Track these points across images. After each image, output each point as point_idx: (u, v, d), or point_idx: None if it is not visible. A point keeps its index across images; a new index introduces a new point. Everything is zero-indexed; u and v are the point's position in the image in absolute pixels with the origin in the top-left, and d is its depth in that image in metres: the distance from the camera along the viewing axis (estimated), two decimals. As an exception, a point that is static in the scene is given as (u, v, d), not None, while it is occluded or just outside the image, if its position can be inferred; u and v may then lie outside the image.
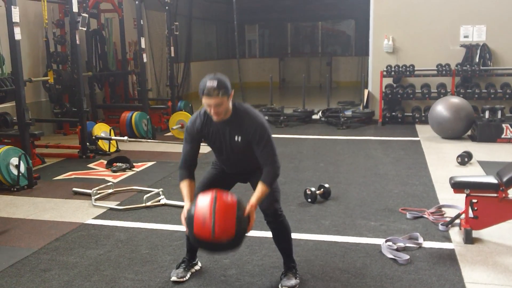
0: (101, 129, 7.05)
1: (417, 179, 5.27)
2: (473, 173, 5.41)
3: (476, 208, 3.54)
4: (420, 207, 4.34)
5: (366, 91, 9.52)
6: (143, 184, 5.26)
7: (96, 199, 4.71)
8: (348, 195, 4.75)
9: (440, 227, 3.83)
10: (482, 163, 5.89)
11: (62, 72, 8.10)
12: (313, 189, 4.56)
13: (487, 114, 7.27)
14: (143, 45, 8.37)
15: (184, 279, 3.07)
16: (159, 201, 4.61)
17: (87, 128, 6.80)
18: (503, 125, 7.08)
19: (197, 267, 3.20)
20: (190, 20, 11.98)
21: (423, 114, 8.76)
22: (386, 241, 3.54)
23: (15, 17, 5.43)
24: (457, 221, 3.80)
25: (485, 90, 8.58)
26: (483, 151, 6.56)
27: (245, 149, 2.88)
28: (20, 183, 5.18)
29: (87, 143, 6.71)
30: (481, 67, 8.58)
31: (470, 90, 8.55)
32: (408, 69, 8.81)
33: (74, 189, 5.06)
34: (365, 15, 10.14)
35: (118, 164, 6.02)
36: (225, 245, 2.64)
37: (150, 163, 6.28)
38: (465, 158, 5.81)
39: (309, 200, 4.54)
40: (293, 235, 3.52)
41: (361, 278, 3.07)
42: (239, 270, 3.21)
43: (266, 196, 2.84)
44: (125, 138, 6.87)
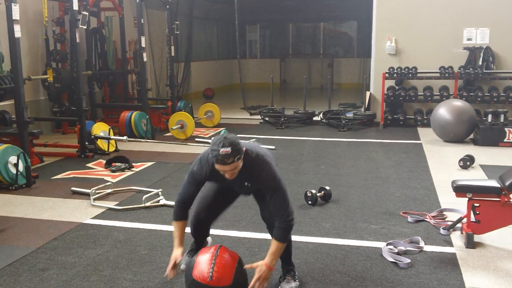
0: (100, 129, 7.01)
1: (418, 182, 5.24)
2: (475, 177, 5.38)
3: (478, 212, 3.50)
4: (421, 210, 4.31)
5: (367, 93, 9.49)
6: (142, 184, 5.23)
7: (94, 199, 4.68)
8: (349, 198, 4.72)
9: (442, 231, 3.80)
10: (484, 167, 5.86)
11: (62, 71, 8.08)
12: (313, 191, 4.53)
13: (489, 117, 7.24)
14: (143, 44, 8.34)
15: None
16: (158, 201, 4.58)
17: (86, 128, 6.77)
18: (506, 129, 7.05)
19: None
20: (191, 19, 11.97)
21: (425, 117, 8.73)
22: (387, 245, 3.51)
23: (15, 15, 5.40)
24: (459, 225, 3.77)
25: (488, 94, 8.54)
26: (485, 155, 6.53)
27: (256, 191, 2.90)
28: (19, 182, 5.15)
29: (86, 143, 6.68)
30: (484, 70, 8.55)
31: (472, 93, 8.53)
32: (410, 71, 8.78)
33: (73, 188, 5.03)
34: (368, 16, 10.11)
35: (117, 164, 5.99)
36: None
37: (149, 163, 6.25)
38: (467, 162, 5.78)
39: (310, 202, 4.51)
40: (293, 238, 3.49)
41: (361, 281, 3.04)
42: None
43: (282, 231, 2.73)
44: (124, 137, 6.84)
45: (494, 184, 3.50)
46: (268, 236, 3.31)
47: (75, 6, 6.44)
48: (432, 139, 7.60)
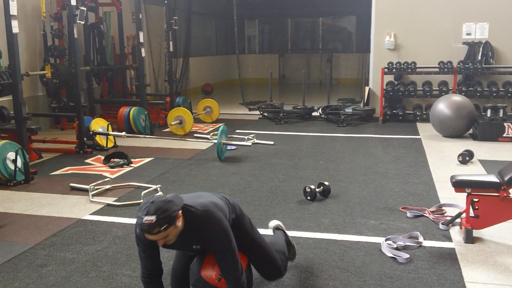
0: (98, 124, 7.00)
1: (417, 177, 5.23)
2: (474, 172, 5.38)
3: (477, 207, 3.50)
4: (420, 206, 4.31)
5: (367, 88, 9.48)
6: (141, 180, 5.22)
7: (93, 195, 4.67)
8: (348, 193, 4.72)
9: (441, 226, 3.80)
10: (483, 162, 5.86)
11: (60, 66, 8.05)
12: (312, 187, 4.53)
13: (489, 112, 7.23)
14: (141, 40, 8.32)
15: None
16: (157, 197, 4.57)
17: (85, 123, 6.75)
18: (505, 124, 7.04)
19: None
20: (189, 14, 11.92)
21: (424, 112, 8.72)
22: (386, 240, 3.51)
23: (13, 10, 5.37)
24: (458, 220, 3.77)
25: (487, 89, 8.53)
26: (484, 150, 6.53)
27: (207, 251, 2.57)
28: (17, 178, 5.14)
29: (85, 138, 6.66)
30: (484, 65, 8.54)
31: (472, 88, 8.51)
32: (409, 66, 8.76)
33: (71, 184, 5.02)
34: (367, 11, 10.08)
35: (115, 159, 5.98)
36: None
37: (148, 159, 6.24)
38: (466, 157, 5.78)
39: (309, 198, 4.51)
40: (292, 233, 3.50)
41: (360, 276, 3.04)
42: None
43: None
44: (123, 133, 6.82)
45: (493, 179, 3.49)
46: (269, 232, 3.32)
47: (73, 1, 6.40)
48: (431, 134, 7.60)
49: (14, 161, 5.13)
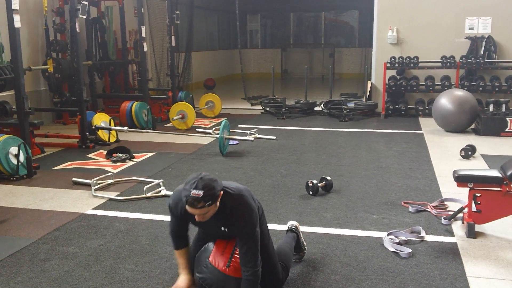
0: (101, 119, 7.00)
1: (420, 172, 5.23)
2: (477, 167, 5.37)
3: (479, 202, 3.50)
4: (422, 200, 4.31)
5: (369, 83, 9.46)
6: (143, 175, 5.23)
7: (96, 190, 4.68)
8: (350, 188, 4.72)
9: (443, 221, 3.80)
10: (485, 157, 5.85)
11: (62, 61, 8.04)
12: (315, 181, 4.53)
13: (491, 107, 7.21)
14: (143, 34, 8.30)
15: None
16: (159, 192, 4.58)
17: (87, 118, 6.75)
18: (507, 118, 7.02)
19: None
20: (192, 9, 11.88)
21: (426, 107, 8.70)
22: (388, 235, 3.51)
23: (15, 5, 5.36)
24: (460, 215, 3.77)
25: (490, 83, 8.50)
26: (486, 144, 6.51)
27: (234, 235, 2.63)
28: (20, 172, 5.15)
29: (87, 133, 6.67)
30: (486, 60, 8.50)
31: (474, 83, 8.49)
32: (412, 61, 8.73)
33: (74, 179, 5.03)
34: (369, 6, 10.04)
35: (118, 154, 5.98)
36: (231, 283, 2.56)
37: (150, 154, 6.24)
38: (468, 152, 5.77)
39: (311, 192, 4.51)
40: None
41: (362, 271, 3.05)
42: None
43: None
44: (125, 128, 6.83)
45: (496, 174, 3.49)
46: (271, 226, 3.32)
47: (75, -4, 6.40)
48: (433, 129, 7.58)
49: (17, 156, 5.14)
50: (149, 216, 4.04)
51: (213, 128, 7.62)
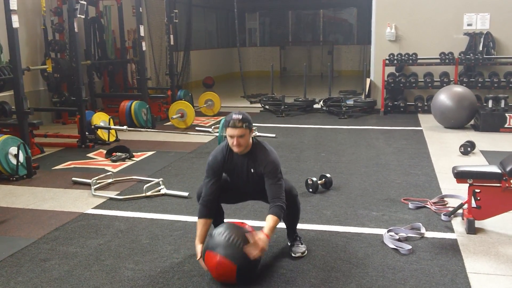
0: (100, 118, 7.00)
1: (419, 169, 5.23)
2: (476, 163, 5.37)
3: (479, 198, 3.50)
4: (422, 197, 4.31)
5: (368, 80, 9.45)
6: (143, 174, 5.23)
7: (95, 189, 4.68)
8: (350, 185, 4.72)
9: (443, 217, 3.80)
10: (485, 153, 5.85)
11: (61, 61, 8.04)
12: (314, 179, 4.53)
13: (490, 103, 7.22)
14: (142, 33, 8.30)
15: None
16: (159, 191, 4.59)
17: (86, 117, 6.75)
18: (506, 114, 7.02)
19: None
20: (190, 7, 11.88)
21: (425, 103, 8.70)
22: (388, 231, 3.51)
23: (13, 5, 5.36)
24: (460, 211, 3.77)
25: (489, 79, 8.50)
26: (486, 140, 6.52)
27: (259, 181, 3.07)
28: (19, 172, 5.15)
29: (86, 133, 6.67)
30: (485, 56, 8.50)
31: (473, 79, 8.49)
32: (410, 57, 8.73)
33: (74, 178, 5.03)
34: (367, 3, 10.04)
35: (117, 153, 5.99)
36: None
37: (149, 153, 6.24)
38: (467, 148, 5.77)
39: (311, 190, 4.51)
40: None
41: (362, 268, 3.05)
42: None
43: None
44: (125, 127, 6.83)
45: (495, 169, 3.49)
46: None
47: (73, -5, 6.39)
48: (432, 126, 7.59)
49: (16, 156, 5.13)
50: (149, 215, 4.05)
51: (213, 127, 7.62)
